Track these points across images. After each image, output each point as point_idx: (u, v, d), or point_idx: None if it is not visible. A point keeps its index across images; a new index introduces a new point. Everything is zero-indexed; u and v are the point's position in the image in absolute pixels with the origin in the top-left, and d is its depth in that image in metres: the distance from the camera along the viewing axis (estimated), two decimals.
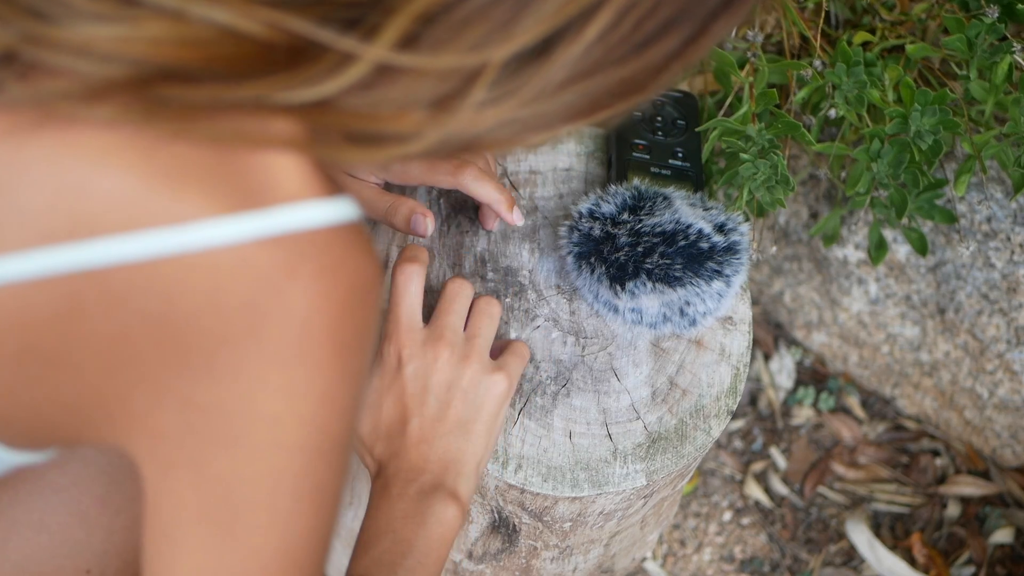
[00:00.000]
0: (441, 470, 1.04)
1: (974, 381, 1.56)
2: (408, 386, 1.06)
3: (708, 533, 1.56)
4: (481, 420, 1.07)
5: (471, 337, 1.08)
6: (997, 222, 1.42)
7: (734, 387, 1.21)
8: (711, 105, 1.37)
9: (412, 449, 1.04)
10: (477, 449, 1.06)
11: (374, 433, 1.06)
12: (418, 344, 1.07)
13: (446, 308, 1.09)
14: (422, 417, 1.05)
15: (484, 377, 1.07)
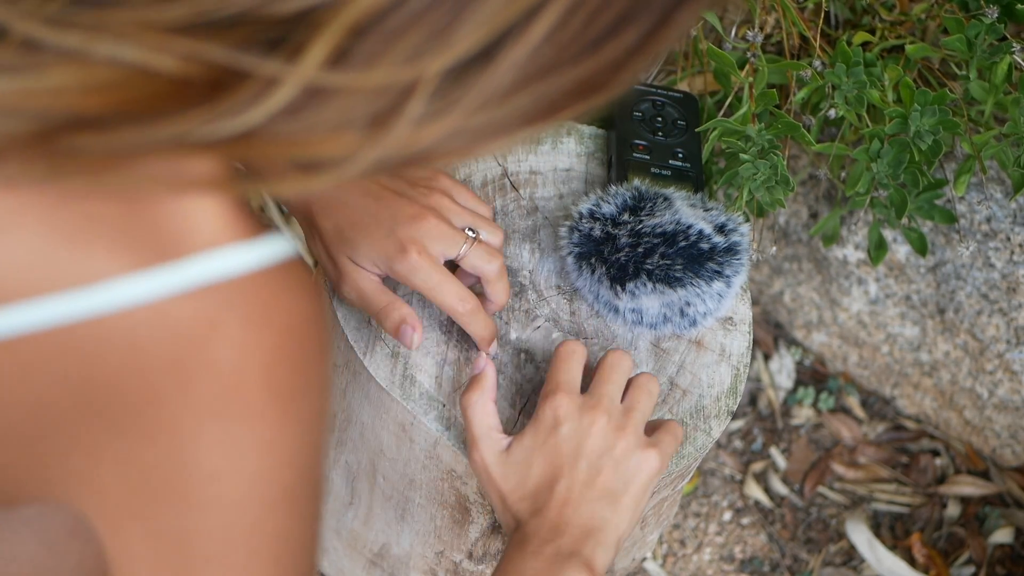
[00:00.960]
0: (582, 536, 1.02)
1: (974, 381, 1.56)
2: (562, 447, 1.05)
3: (708, 533, 1.56)
4: (629, 493, 1.05)
5: (628, 409, 1.07)
6: (997, 222, 1.42)
7: (734, 387, 1.21)
8: (711, 105, 1.37)
9: (556, 510, 1.03)
10: (621, 522, 1.04)
11: (519, 490, 1.05)
12: (575, 407, 1.06)
13: (605, 377, 1.08)
14: (571, 480, 1.04)
15: (638, 451, 1.06)
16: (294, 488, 0.73)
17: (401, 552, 1.29)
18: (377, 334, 1.16)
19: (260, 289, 0.68)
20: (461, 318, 1.13)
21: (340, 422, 1.24)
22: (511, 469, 1.06)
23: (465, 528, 1.22)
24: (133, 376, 0.66)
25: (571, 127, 1.30)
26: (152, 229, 0.65)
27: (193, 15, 0.59)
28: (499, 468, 1.06)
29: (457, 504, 1.20)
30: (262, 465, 0.70)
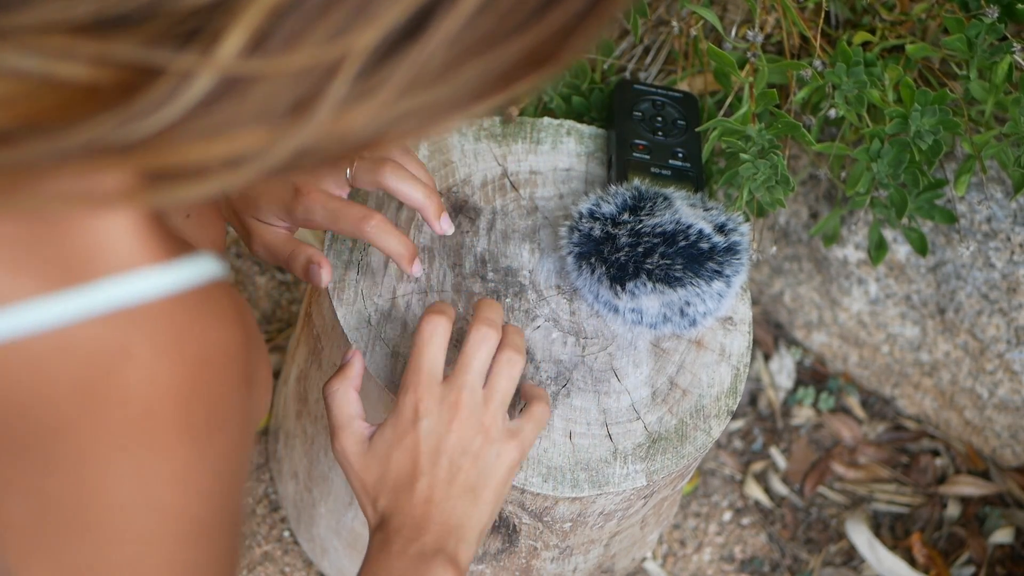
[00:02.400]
0: (444, 533, 1.01)
1: (974, 381, 1.56)
2: (422, 444, 1.03)
3: (708, 533, 1.56)
4: (490, 487, 1.04)
5: (488, 399, 1.05)
6: (997, 222, 1.42)
7: (734, 387, 1.21)
8: (711, 105, 1.37)
9: (418, 507, 1.02)
10: (483, 516, 1.03)
11: (380, 484, 1.03)
12: (436, 400, 1.03)
13: (467, 363, 1.05)
14: (432, 477, 1.02)
15: (497, 445, 1.04)
16: (209, 521, 0.70)
17: None
18: (377, 333, 1.16)
19: (175, 315, 0.64)
20: (371, 238, 1.10)
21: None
22: (372, 461, 1.04)
23: None
24: (40, 403, 0.63)
25: (571, 127, 1.30)
26: (61, 251, 0.62)
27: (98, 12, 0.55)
28: (360, 460, 1.04)
29: None
30: (174, 498, 0.68)
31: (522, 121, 1.30)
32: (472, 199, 1.25)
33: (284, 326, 1.59)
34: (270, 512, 1.47)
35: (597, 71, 1.40)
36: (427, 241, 1.22)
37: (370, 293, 1.18)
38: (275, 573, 1.44)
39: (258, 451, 1.50)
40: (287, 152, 0.59)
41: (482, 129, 1.28)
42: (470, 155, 1.27)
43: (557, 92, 1.33)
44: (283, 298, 1.60)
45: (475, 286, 1.20)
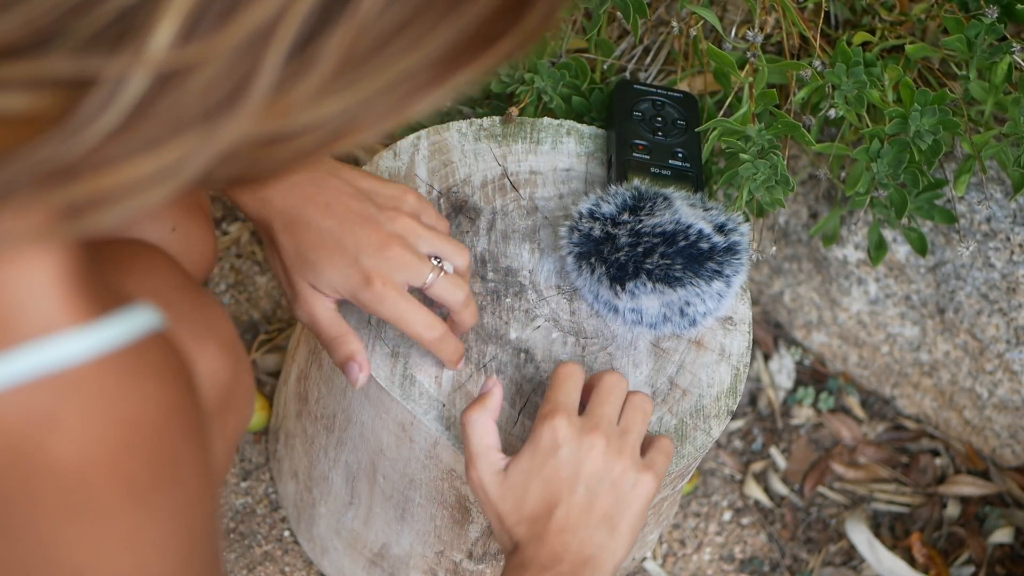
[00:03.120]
0: (579, 563, 1.01)
1: (974, 381, 1.56)
2: (560, 471, 1.03)
3: (708, 533, 1.56)
4: (626, 518, 1.04)
5: (625, 431, 1.06)
6: (997, 222, 1.42)
7: (734, 387, 1.21)
8: (711, 105, 1.37)
9: (554, 536, 1.02)
10: (619, 549, 1.03)
11: (516, 513, 1.03)
12: (574, 429, 1.04)
13: (602, 399, 1.07)
14: (570, 505, 1.03)
15: (635, 474, 1.05)
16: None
17: (401, 552, 1.29)
18: (377, 334, 1.16)
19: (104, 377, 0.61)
20: (429, 345, 1.11)
21: (340, 422, 1.24)
22: (508, 491, 1.04)
23: (465, 528, 1.22)
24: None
25: (571, 127, 1.31)
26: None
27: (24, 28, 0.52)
28: (496, 489, 1.05)
29: (457, 504, 1.20)
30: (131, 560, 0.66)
31: (522, 121, 1.30)
32: (472, 199, 1.25)
33: (284, 326, 1.59)
34: (270, 512, 1.47)
35: (597, 71, 1.40)
36: None
37: None
38: (275, 573, 1.44)
39: (258, 451, 1.50)
40: (226, 146, 0.57)
41: (482, 129, 1.28)
42: (470, 155, 1.27)
43: (557, 92, 1.33)
44: (283, 298, 1.60)
45: (475, 286, 1.20)
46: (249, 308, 1.60)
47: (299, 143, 0.59)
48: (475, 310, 1.14)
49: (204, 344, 0.90)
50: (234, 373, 0.92)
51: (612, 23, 1.44)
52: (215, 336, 0.91)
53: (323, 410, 1.26)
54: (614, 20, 1.43)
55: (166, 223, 0.99)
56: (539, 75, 1.32)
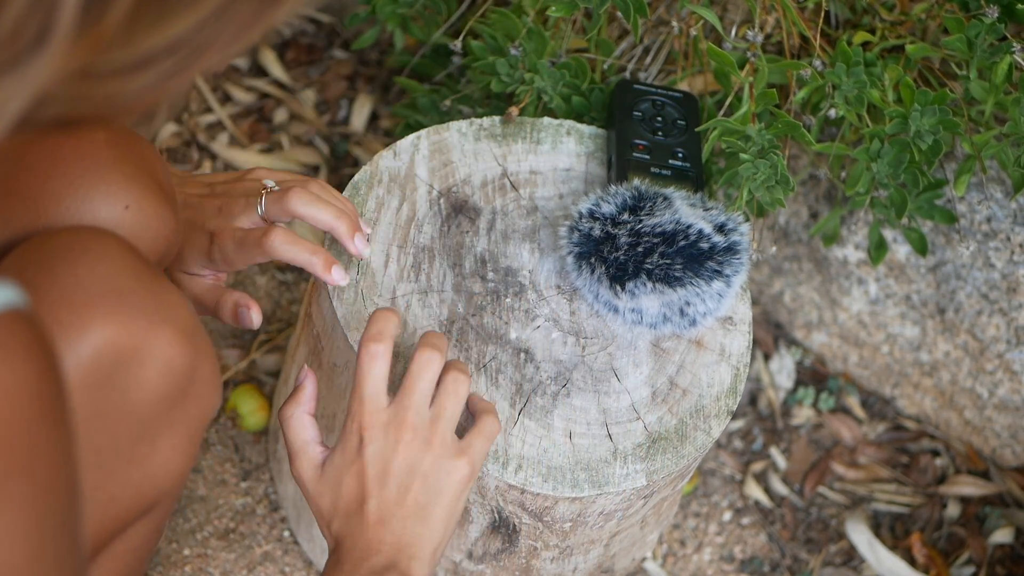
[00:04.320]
0: (395, 552, 1.02)
1: (974, 381, 1.56)
2: (368, 467, 1.03)
3: (708, 533, 1.56)
4: (440, 505, 1.04)
5: (435, 418, 1.06)
6: (997, 222, 1.42)
7: (734, 387, 1.21)
8: (711, 105, 1.37)
9: (368, 529, 1.03)
10: (435, 535, 1.04)
11: (332, 509, 1.05)
12: (380, 425, 1.04)
13: (412, 385, 1.06)
14: (380, 499, 1.03)
15: (446, 462, 1.05)
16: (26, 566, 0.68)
17: None
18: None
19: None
20: (278, 254, 1.12)
21: (340, 422, 1.24)
22: (324, 487, 1.05)
23: (465, 528, 1.22)
24: None
25: (571, 127, 1.31)
26: None
27: None
28: (314, 485, 1.06)
29: None
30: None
31: (522, 121, 1.30)
32: (472, 199, 1.25)
33: (284, 326, 1.59)
34: (270, 512, 1.47)
35: (597, 71, 1.40)
36: (427, 241, 1.22)
37: (370, 293, 1.18)
38: (275, 573, 1.44)
39: (258, 451, 1.51)
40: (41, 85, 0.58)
41: (482, 129, 1.28)
42: (470, 155, 1.27)
43: (557, 92, 1.33)
44: (283, 298, 1.60)
45: (475, 286, 1.20)
46: None
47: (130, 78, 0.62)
48: (322, 207, 1.13)
49: (158, 331, 0.89)
50: (192, 360, 0.92)
51: (612, 23, 1.44)
52: (170, 322, 0.90)
53: (323, 410, 1.26)
54: (614, 20, 1.43)
55: (119, 201, 0.99)
56: (539, 75, 1.32)
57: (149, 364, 0.89)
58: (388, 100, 1.75)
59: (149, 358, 0.89)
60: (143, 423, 0.91)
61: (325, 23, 1.79)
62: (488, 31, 1.36)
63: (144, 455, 0.93)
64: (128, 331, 0.87)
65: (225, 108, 1.71)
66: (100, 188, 0.98)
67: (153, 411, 0.91)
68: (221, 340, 1.57)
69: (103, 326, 0.86)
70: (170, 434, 0.94)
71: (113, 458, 0.91)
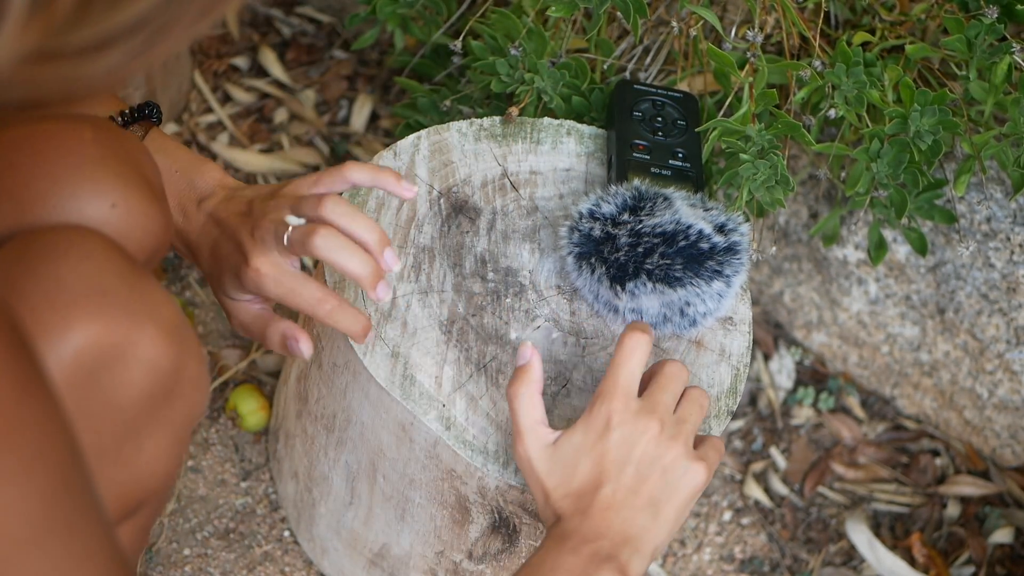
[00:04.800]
0: (621, 542, 1.03)
1: (974, 381, 1.56)
2: (611, 451, 1.04)
3: (708, 533, 1.56)
4: (672, 504, 1.05)
5: (681, 420, 1.07)
6: (997, 222, 1.42)
7: (734, 387, 1.21)
8: (711, 105, 1.37)
9: (599, 513, 1.03)
10: (661, 532, 1.05)
11: (563, 487, 1.05)
12: (631, 412, 1.05)
13: (662, 386, 1.08)
14: (617, 485, 1.04)
15: (687, 462, 1.06)
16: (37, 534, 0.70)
17: (401, 552, 1.29)
18: (377, 333, 1.16)
19: None
20: (325, 319, 1.10)
21: (340, 422, 1.24)
22: (557, 465, 1.05)
23: (465, 528, 1.22)
24: None
25: (571, 127, 1.31)
26: None
27: None
28: (544, 463, 1.06)
29: (457, 504, 1.20)
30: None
31: (522, 121, 1.30)
32: (472, 199, 1.25)
33: None
34: (270, 512, 1.47)
35: (597, 71, 1.40)
36: (427, 241, 1.22)
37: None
38: (275, 573, 1.44)
39: (258, 451, 1.51)
40: None
41: (482, 129, 1.29)
42: (470, 155, 1.27)
43: (557, 92, 1.33)
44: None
45: (475, 286, 1.20)
46: None
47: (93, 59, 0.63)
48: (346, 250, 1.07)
49: (142, 330, 0.89)
50: (177, 359, 0.91)
51: (612, 23, 1.44)
52: (154, 321, 0.90)
53: (323, 410, 1.26)
54: (614, 20, 1.43)
55: (105, 199, 0.98)
56: (539, 75, 1.32)
57: (133, 363, 0.89)
58: (388, 100, 1.75)
59: (133, 357, 0.89)
60: (128, 423, 0.91)
61: (325, 23, 1.79)
62: (488, 31, 1.36)
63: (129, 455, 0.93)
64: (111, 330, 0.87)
65: (225, 108, 1.72)
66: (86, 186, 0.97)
67: (138, 411, 0.91)
68: (221, 340, 1.57)
69: (86, 326, 0.86)
70: (156, 434, 0.94)
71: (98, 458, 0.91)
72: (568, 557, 1.01)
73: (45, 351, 0.85)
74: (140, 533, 1.03)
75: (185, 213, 1.14)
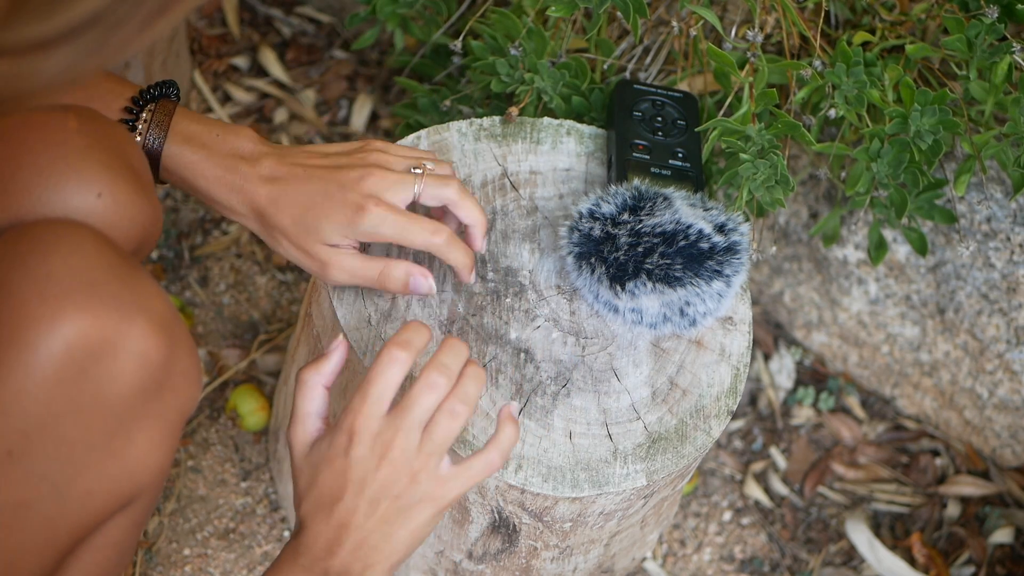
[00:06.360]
0: (352, 560, 1.03)
1: (974, 381, 1.56)
2: (350, 470, 1.03)
3: (708, 533, 1.56)
4: (406, 529, 1.04)
5: (424, 443, 1.03)
6: (997, 222, 1.42)
7: (734, 387, 1.21)
8: (711, 105, 1.37)
9: (332, 529, 1.03)
10: (394, 554, 1.04)
11: (307, 490, 1.04)
12: (371, 433, 1.02)
13: (410, 405, 1.03)
14: (353, 505, 1.03)
15: (422, 491, 1.03)
16: None
17: None
18: (378, 333, 1.16)
19: None
20: (440, 250, 1.13)
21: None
22: (306, 466, 1.05)
23: (465, 528, 1.22)
24: None
25: (571, 127, 1.31)
26: None
27: None
28: (300, 460, 1.06)
29: (457, 504, 1.20)
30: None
31: (522, 121, 1.30)
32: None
33: (284, 326, 1.59)
34: (270, 512, 1.47)
35: (597, 71, 1.40)
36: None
37: (370, 293, 1.18)
38: None
39: (258, 451, 1.51)
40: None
41: (482, 129, 1.28)
42: (470, 155, 1.27)
43: (557, 92, 1.33)
44: (283, 298, 1.60)
45: (475, 286, 1.20)
46: (249, 308, 1.60)
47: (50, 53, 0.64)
48: (475, 201, 1.16)
49: (132, 323, 0.89)
50: (168, 352, 0.91)
51: (612, 23, 1.44)
52: (145, 314, 0.90)
53: None
54: (614, 20, 1.43)
55: (91, 189, 0.98)
56: (539, 75, 1.32)
57: (123, 356, 0.89)
58: (388, 100, 1.75)
59: (123, 350, 0.89)
60: (118, 416, 0.91)
61: (325, 23, 1.79)
62: (488, 31, 1.36)
63: (120, 448, 0.93)
64: (101, 323, 0.87)
65: (225, 108, 1.71)
66: (71, 177, 0.97)
67: (128, 404, 0.91)
68: (221, 340, 1.57)
69: (76, 319, 0.86)
70: (147, 427, 0.94)
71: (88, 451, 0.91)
72: (300, 574, 1.02)
73: (35, 344, 0.85)
74: (133, 527, 1.03)
75: (242, 174, 1.14)
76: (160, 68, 1.59)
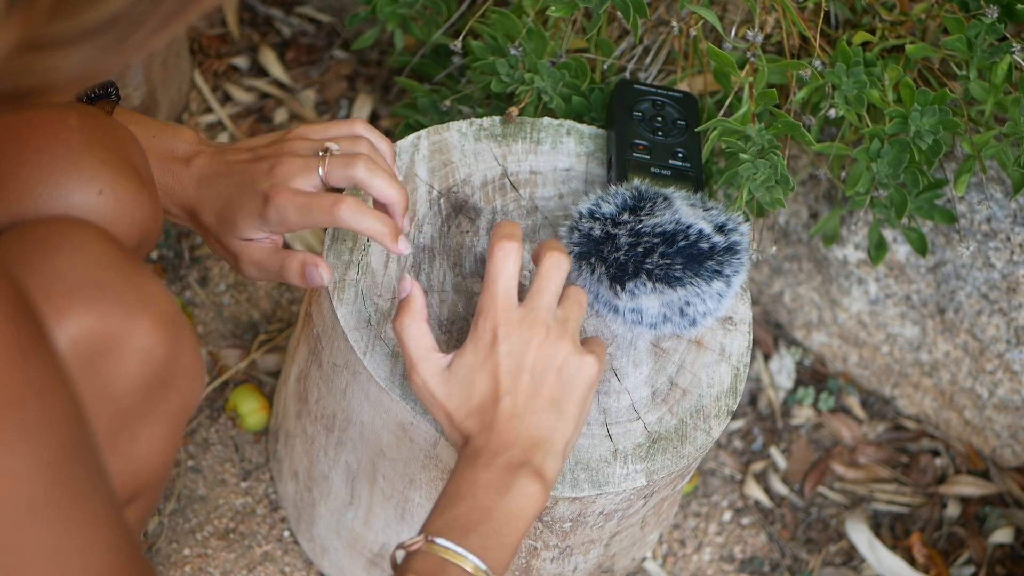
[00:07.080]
0: (531, 447, 1.04)
1: (974, 381, 1.56)
2: (503, 363, 1.05)
3: (708, 533, 1.56)
4: (573, 400, 1.06)
5: (564, 320, 1.08)
6: (997, 222, 1.42)
7: (734, 387, 1.21)
8: (711, 105, 1.37)
9: (503, 424, 1.04)
10: (567, 428, 1.06)
11: (464, 407, 1.06)
12: (514, 322, 1.06)
13: (542, 287, 1.08)
14: (515, 394, 1.05)
15: (578, 358, 1.07)
16: (45, 501, 0.71)
17: None
18: (377, 333, 1.16)
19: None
20: (349, 224, 1.12)
21: (340, 422, 1.24)
22: (455, 388, 1.06)
23: None
24: None
25: (571, 127, 1.31)
26: None
27: None
28: (442, 388, 1.06)
29: None
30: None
31: (522, 121, 1.30)
32: (472, 199, 1.25)
33: (284, 326, 1.59)
34: (270, 512, 1.47)
35: (597, 71, 1.40)
36: (427, 241, 1.22)
37: (370, 293, 1.18)
38: (275, 573, 1.44)
39: (258, 451, 1.51)
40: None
41: (482, 129, 1.28)
42: (470, 155, 1.27)
43: (557, 92, 1.33)
44: (283, 298, 1.60)
45: (475, 286, 1.20)
46: (249, 308, 1.60)
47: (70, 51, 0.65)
48: (388, 178, 1.14)
49: (136, 320, 0.89)
50: (172, 349, 0.92)
51: (612, 23, 1.44)
52: (149, 312, 0.90)
53: (323, 410, 1.26)
54: (614, 20, 1.43)
55: (92, 186, 0.98)
56: (539, 75, 1.32)
57: (128, 354, 0.89)
58: (388, 100, 1.75)
59: (128, 348, 0.89)
60: (123, 413, 0.91)
61: (325, 23, 1.79)
62: (488, 31, 1.36)
63: (124, 445, 0.93)
64: (106, 321, 0.87)
65: (225, 108, 1.71)
66: (72, 174, 0.98)
67: (133, 401, 0.91)
68: (221, 340, 1.57)
69: (80, 316, 0.86)
70: (151, 424, 0.94)
71: None
72: (483, 472, 1.02)
73: None
74: (136, 524, 1.03)
75: (174, 174, 1.15)
76: (160, 68, 1.59)
